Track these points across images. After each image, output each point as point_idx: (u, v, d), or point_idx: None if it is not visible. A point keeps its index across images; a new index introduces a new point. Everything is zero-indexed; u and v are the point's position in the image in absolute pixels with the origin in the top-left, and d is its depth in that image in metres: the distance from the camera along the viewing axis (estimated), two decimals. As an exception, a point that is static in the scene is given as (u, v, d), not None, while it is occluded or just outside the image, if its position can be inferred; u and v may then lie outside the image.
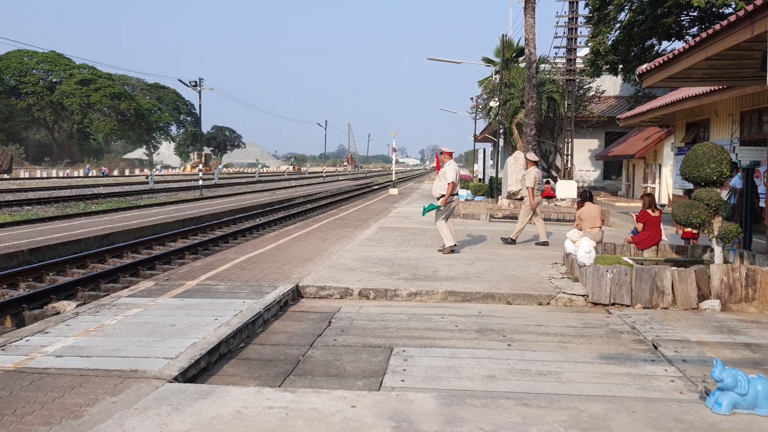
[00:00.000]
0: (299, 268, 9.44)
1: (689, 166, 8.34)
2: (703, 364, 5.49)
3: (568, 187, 23.82)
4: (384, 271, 9.33)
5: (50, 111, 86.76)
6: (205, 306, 6.90)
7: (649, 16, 25.97)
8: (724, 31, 7.81)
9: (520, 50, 31.24)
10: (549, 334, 6.49)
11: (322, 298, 8.13)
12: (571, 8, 25.22)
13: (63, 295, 9.59)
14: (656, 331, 6.60)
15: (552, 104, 28.22)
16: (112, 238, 14.77)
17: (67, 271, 11.40)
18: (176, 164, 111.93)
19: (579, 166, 33.85)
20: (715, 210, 8.12)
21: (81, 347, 5.33)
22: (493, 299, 7.98)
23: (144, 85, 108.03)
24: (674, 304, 7.71)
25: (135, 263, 12.14)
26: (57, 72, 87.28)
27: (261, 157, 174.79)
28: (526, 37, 23.52)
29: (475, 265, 10.13)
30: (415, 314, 7.27)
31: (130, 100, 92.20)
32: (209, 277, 8.65)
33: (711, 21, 27.05)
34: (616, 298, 7.80)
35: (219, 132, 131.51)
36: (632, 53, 27.92)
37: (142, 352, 5.20)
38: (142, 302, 7.08)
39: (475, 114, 44.03)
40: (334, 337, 6.28)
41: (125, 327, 6.00)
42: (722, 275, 7.70)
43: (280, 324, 6.87)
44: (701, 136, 16.49)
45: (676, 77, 10.57)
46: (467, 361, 5.55)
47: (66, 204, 26.42)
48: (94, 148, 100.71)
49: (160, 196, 33.05)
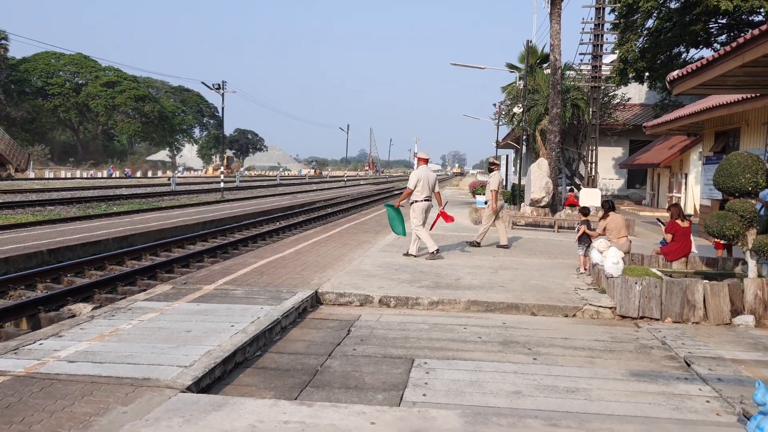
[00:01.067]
0: (319, 274, 9.27)
1: (723, 176, 8.06)
2: (739, 383, 5.22)
3: (592, 195, 23.43)
4: (405, 279, 9.14)
5: (75, 112, 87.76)
6: (221, 312, 6.76)
7: (677, 24, 25.59)
8: (763, 35, 7.53)
9: (545, 56, 30.90)
10: (576, 348, 6.25)
11: (342, 305, 7.95)
12: (597, 15, 24.86)
13: (80, 297, 9.50)
14: (688, 347, 6.33)
15: (576, 111, 27.82)
16: (131, 239, 14.72)
17: (84, 273, 11.33)
18: (198, 166, 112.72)
19: (602, 174, 33.39)
20: (750, 222, 7.83)
21: (94, 352, 5.20)
22: (518, 310, 7.75)
23: (168, 88, 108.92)
24: (706, 319, 7.43)
25: (153, 266, 12.05)
26: (83, 74, 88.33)
27: (282, 161, 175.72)
28: (552, 43, 23.20)
29: (499, 273, 9.90)
30: (437, 324, 7.06)
31: (155, 103, 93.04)
32: (227, 282, 8.51)
33: (740, 29, 26.61)
34: (645, 311, 7.54)
35: (241, 135, 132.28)
36: (659, 61, 27.54)
37: (155, 359, 5.05)
38: (158, 306, 6.95)
39: (498, 120, 43.72)
40: (354, 347, 6.10)
41: (140, 332, 5.86)
42: (757, 290, 7.41)
43: (298, 331, 6.70)
44: (731, 145, 16.09)
45: (709, 84, 10.26)
46: (491, 375, 5.33)
47: (88, 205, 26.55)
48: (118, 149, 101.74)
49: (181, 198, 33.14)
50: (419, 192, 11.27)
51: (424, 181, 11.24)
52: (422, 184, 11.23)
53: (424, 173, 11.33)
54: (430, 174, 11.40)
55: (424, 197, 11.28)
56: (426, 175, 11.32)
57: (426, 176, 11.30)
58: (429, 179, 11.31)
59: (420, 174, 11.33)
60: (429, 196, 11.31)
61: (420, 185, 11.23)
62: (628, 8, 25.75)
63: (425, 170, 11.41)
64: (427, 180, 11.28)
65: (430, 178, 11.33)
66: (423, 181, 11.24)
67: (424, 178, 11.26)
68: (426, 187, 11.25)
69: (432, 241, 11.31)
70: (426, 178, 11.27)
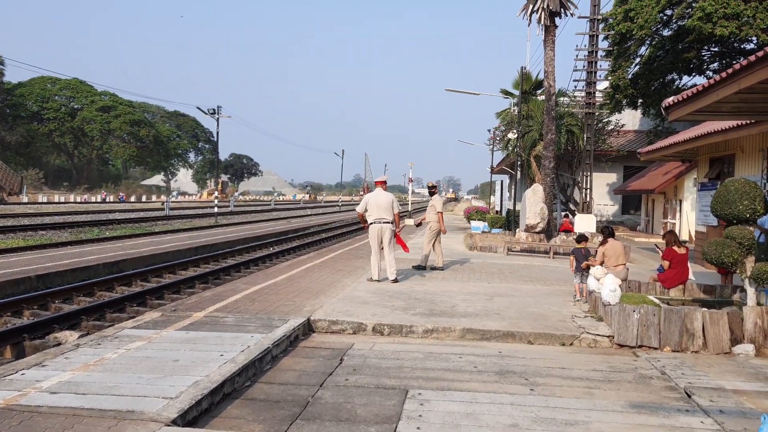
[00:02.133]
0: (311, 301, 9.12)
1: (720, 203, 7.98)
2: (742, 415, 5.09)
3: (587, 221, 23.37)
4: (399, 306, 8.99)
5: (71, 137, 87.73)
6: (211, 340, 6.59)
7: (670, 51, 25.80)
8: (759, 62, 7.49)
9: (539, 83, 31.04)
10: (574, 378, 6.10)
11: (335, 333, 7.79)
12: (591, 42, 25.02)
13: (66, 325, 9.30)
14: (688, 377, 6.19)
15: (571, 137, 27.90)
16: (122, 265, 14.53)
17: (73, 299, 11.14)
18: (193, 191, 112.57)
19: (597, 200, 33.42)
20: (748, 249, 7.73)
21: (78, 383, 5.04)
22: (514, 338, 7.61)
23: (164, 113, 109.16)
24: (705, 348, 7.30)
25: (143, 292, 11.86)
26: (79, 98, 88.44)
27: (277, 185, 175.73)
28: (546, 69, 23.31)
29: (494, 300, 9.76)
30: (431, 353, 6.91)
31: (150, 127, 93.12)
32: (218, 309, 8.35)
33: (731, 56, 26.83)
34: (644, 340, 7.41)
35: (236, 159, 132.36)
36: (652, 87, 27.73)
37: (141, 391, 4.88)
38: (146, 334, 6.78)
39: (493, 146, 43.84)
40: (346, 377, 5.94)
41: (126, 362, 5.70)
42: (756, 318, 7.30)
43: (289, 360, 6.53)
44: (725, 172, 16.07)
45: (704, 111, 10.23)
46: (488, 407, 5.17)
47: (80, 229, 26.34)
48: (113, 173, 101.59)
49: (175, 223, 32.94)
50: (369, 215, 11.35)
51: (373, 204, 11.28)
52: (372, 207, 11.28)
53: (374, 196, 11.36)
54: (381, 196, 11.35)
55: (372, 220, 11.30)
56: (376, 197, 11.32)
57: (376, 199, 11.30)
58: (380, 201, 11.29)
59: (369, 197, 11.42)
60: (381, 218, 11.24)
61: (370, 208, 11.29)
62: (622, 36, 25.95)
63: (377, 193, 11.43)
64: (377, 202, 11.27)
65: (381, 201, 11.30)
66: (372, 203, 11.29)
67: (374, 200, 11.30)
68: (375, 209, 11.26)
69: (377, 270, 11.31)
70: (376, 201, 11.28)
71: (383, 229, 11.26)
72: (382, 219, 11.26)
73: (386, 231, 11.27)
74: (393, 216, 11.38)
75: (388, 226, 11.30)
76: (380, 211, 11.25)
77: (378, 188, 11.57)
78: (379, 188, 11.56)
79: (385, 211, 11.27)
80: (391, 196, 11.46)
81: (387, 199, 11.35)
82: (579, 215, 24.07)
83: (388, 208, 11.31)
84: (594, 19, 24.10)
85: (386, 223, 11.27)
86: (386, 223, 11.27)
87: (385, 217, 11.27)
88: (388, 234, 11.28)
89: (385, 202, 11.31)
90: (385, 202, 11.32)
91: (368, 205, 11.33)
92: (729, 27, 21.08)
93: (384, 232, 11.26)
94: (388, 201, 11.34)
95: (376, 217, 11.26)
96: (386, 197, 11.38)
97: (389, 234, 11.29)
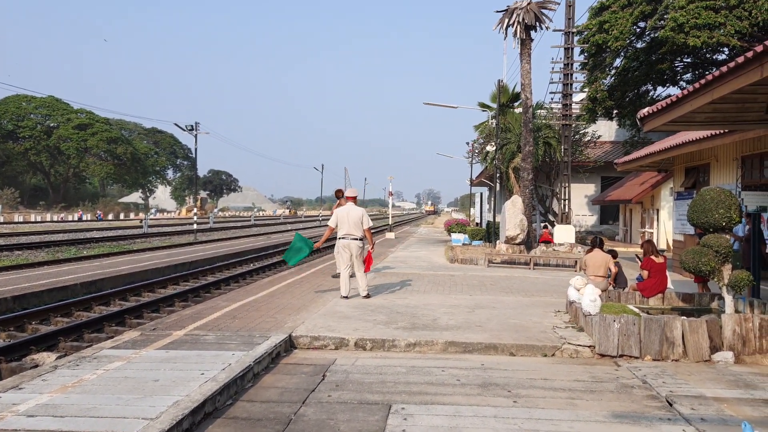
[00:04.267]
0: (293, 317, 9.07)
1: (696, 212, 8.08)
2: (723, 423, 5.12)
3: (566, 231, 23.54)
4: (381, 320, 8.97)
5: (47, 155, 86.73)
6: (191, 359, 6.52)
7: (644, 62, 26.18)
8: (731, 72, 7.62)
9: (516, 95, 31.33)
10: (556, 389, 6.11)
11: (317, 349, 7.74)
12: (566, 54, 25.33)
13: (44, 346, 9.17)
14: (669, 385, 6.23)
15: (548, 149, 28.15)
16: (100, 284, 14.36)
17: (50, 320, 10.99)
18: (172, 208, 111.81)
19: (576, 210, 33.69)
20: (725, 257, 7.83)
21: (56, 405, 4.95)
22: (496, 350, 7.61)
23: (141, 130, 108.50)
24: (685, 356, 7.36)
25: (122, 311, 11.73)
26: (54, 116, 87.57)
27: (257, 201, 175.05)
28: (522, 82, 23.55)
29: (476, 312, 9.78)
30: (414, 367, 6.89)
31: (127, 144, 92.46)
32: (198, 327, 8.26)
33: (704, 67, 27.30)
34: (625, 349, 7.45)
35: (215, 176, 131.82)
36: (627, 98, 28.11)
37: (120, 412, 4.81)
38: (125, 354, 6.69)
39: (471, 158, 44.07)
40: (329, 393, 5.90)
41: (105, 382, 5.61)
42: (735, 325, 7.37)
43: (271, 378, 6.48)
44: (701, 181, 16.30)
45: (678, 121, 10.37)
46: (471, 420, 5.16)
47: (57, 249, 26.02)
48: (90, 191, 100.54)
49: (153, 241, 32.66)
50: (339, 230, 11.17)
51: (343, 219, 11.08)
52: (342, 222, 11.09)
53: (344, 211, 11.17)
54: (351, 210, 11.14)
55: (341, 235, 11.13)
56: (346, 212, 11.13)
57: (346, 214, 11.11)
58: (349, 216, 11.08)
59: (339, 211, 11.23)
60: (348, 234, 11.06)
61: (340, 223, 11.12)
62: (597, 47, 26.30)
63: (347, 207, 11.23)
64: (347, 217, 11.08)
65: (350, 215, 11.08)
66: (342, 218, 11.10)
67: (344, 215, 11.10)
68: (344, 224, 11.08)
69: (346, 286, 11.10)
70: (346, 216, 11.08)
71: (350, 245, 11.06)
72: (350, 235, 11.05)
73: (353, 247, 11.07)
74: (362, 232, 11.15)
75: (356, 242, 11.06)
76: (350, 227, 11.04)
77: (349, 203, 11.35)
78: (350, 203, 11.34)
79: (354, 227, 11.04)
80: (361, 211, 11.20)
81: (357, 214, 11.10)
82: (558, 226, 24.23)
83: (357, 223, 11.07)
84: (569, 32, 24.42)
85: (354, 239, 11.05)
86: (354, 240, 11.05)
87: (353, 233, 11.05)
88: (356, 250, 11.07)
89: (355, 218, 11.08)
90: (356, 217, 11.09)
91: (338, 220, 11.13)
92: (701, 37, 21.45)
93: (351, 248, 11.08)
94: (358, 216, 11.10)
95: (345, 233, 11.07)
96: (357, 212, 11.13)
97: (357, 250, 11.07)
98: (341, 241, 11.13)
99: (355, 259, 11.11)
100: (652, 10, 24.12)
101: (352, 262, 11.12)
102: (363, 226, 11.12)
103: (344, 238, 11.09)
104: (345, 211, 11.17)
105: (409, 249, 25.51)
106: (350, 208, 11.22)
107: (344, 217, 11.09)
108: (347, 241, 11.07)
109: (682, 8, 21.70)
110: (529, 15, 22.47)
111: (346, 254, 11.10)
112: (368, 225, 11.21)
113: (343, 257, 11.13)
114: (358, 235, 11.08)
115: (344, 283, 11.13)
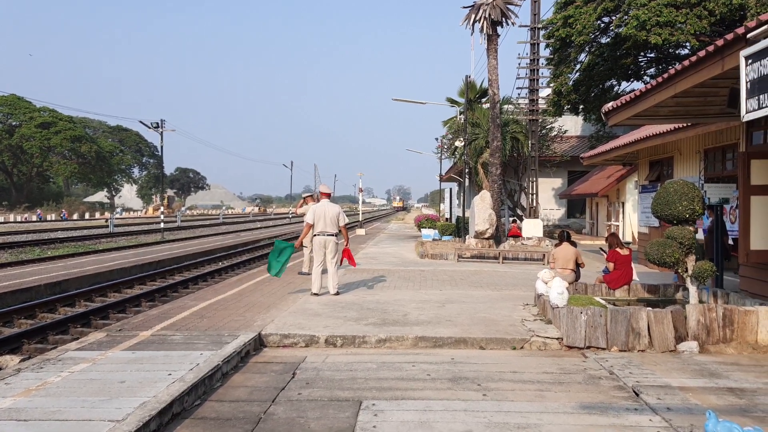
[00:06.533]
0: (262, 315, 9.00)
1: (660, 204, 8.21)
2: (688, 412, 5.21)
3: (534, 226, 23.78)
4: (352, 316, 8.95)
5: (9, 155, 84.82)
6: (159, 359, 6.43)
7: (608, 58, 26.49)
8: (693, 66, 7.75)
9: (484, 91, 31.54)
10: (525, 382, 6.16)
11: (287, 347, 7.70)
12: (533, 50, 25.56)
13: (7, 349, 8.98)
14: (635, 376, 6.32)
15: (516, 144, 28.40)
16: (65, 285, 14.10)
17: (13, 322, 10.76)
18: (138, 207, 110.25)
19: (543, 204, 34.03)
20: (689, 248, 7.97)
21: (19, 409, 4.85)
22: (466, 344, 7.65)
23: (106, 128, 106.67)
24: (651, 347, 7.47)
25: (87, 312, 11.52)
26: (17, 115, 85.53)
27: (226, 199, 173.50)
28: (490, 78, 23.69)
29: (446, 307, 9.81)
30: (384, 362, 6.89)
31: (92, 143, 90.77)
32: (165, 327, 8.16)
33: (667, 62, 27.73)
34: (592, 340, 7.54)
35: (183, 174, 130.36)
36: (592, 93, 28.41)
37: (85, 414, 4.72)
38: (90, 356, 6.58)
39: (441, 154, 44.26)
40: (299, 391, 5.86)
41: (70, 385, 5.51)
42: (699, 316, 7.50)
43: (240, 377, 6.42)
44: (665, 174, 16.56)
45: (643, 115, 10.52)
46: (441, 414, 5.18)
47: (21, 249, 25.48)
48: (54, 191, 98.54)
49: (119, 240, 32.17)
50: (315, 227, 11.14)
51: (320, 216, 11.07)
52: (318, 219, 11.07)
53: (321, 207, 11.14)
54: (328, 208, 11.12)
55: (317, 232, 11.11)
56: (323, 209, 11.11)
57: (323, 210, 11.09)
58: (326, 213, 11.06)
59: (315, 207, 11.21)
60: (325, 231, 11.07)
61: (316, 220, 11.09)
62: (562, 42, 26.54)
63: (323, 204, 11.21)
64: (324, 214, 11.06)
65: (327, 212, 11.07)
66: (318, 215, 11.07)
67: (321, 212, 11.08)
68: (321, 221, 11.07)
69: (317, 283, 11.09)
70: (323, 212, 11.07)
71: (327, 242, 11.08)
72: (326, 232, 11.06)
73: (330, 244, 11.10)
74: (338, 228, 11.20)
75: (332, 239, 11.11)
76: (326, 224, 11.04)
77: (324, 199, 11.33)
78: (325, 200, 11.31)
79: (331, 224, 11.06)
80: (338, 208, 11.22)
81: (334, 211, 11.11)
82: (527, 220, 24.47)
83: (334, 220, 11.09)
84: (534, 27, 24.64)
85: (330, 236, 11.09)
86: (330, 236, 11.08)
87: (330, 230, 11.07)
88: (331, 247, 11.09)
89: (332, 215, 11.08)
90: (332, 214, 11.09)
91: (315, 216, 11.11)
92: (662, 34, 21.76)
93: (328, 245, 11.10)
94: (335, 213, 11.11)
95: (321, 230, 11.06)
96: (333, 209, 11.14)
97: (332, 247, 11.11)
98: (318, 238, 11.10)
99: (330, 256, 11.09)
100: (615, 6, 24.41)
101: (326, 258, 11.09)
102: (339, 224, 11.15)
103: (320, 235, 11.08)
104: (322, 208, 11.13)
105: (380, 245, 25.51)
106: (326, 205, 11.19)
107: (321, 214, 11.06)
108: (324, 238, 11.07)
109: (644, 6, 21.99)
110: (495, 11, 22.61)
111: (323, 251, 11.08)
112: (344, 222, 11.27)
113: (320, 254, 11.10)
114: (334, 231, 11.12)
115: (316, 280, 11.11)
